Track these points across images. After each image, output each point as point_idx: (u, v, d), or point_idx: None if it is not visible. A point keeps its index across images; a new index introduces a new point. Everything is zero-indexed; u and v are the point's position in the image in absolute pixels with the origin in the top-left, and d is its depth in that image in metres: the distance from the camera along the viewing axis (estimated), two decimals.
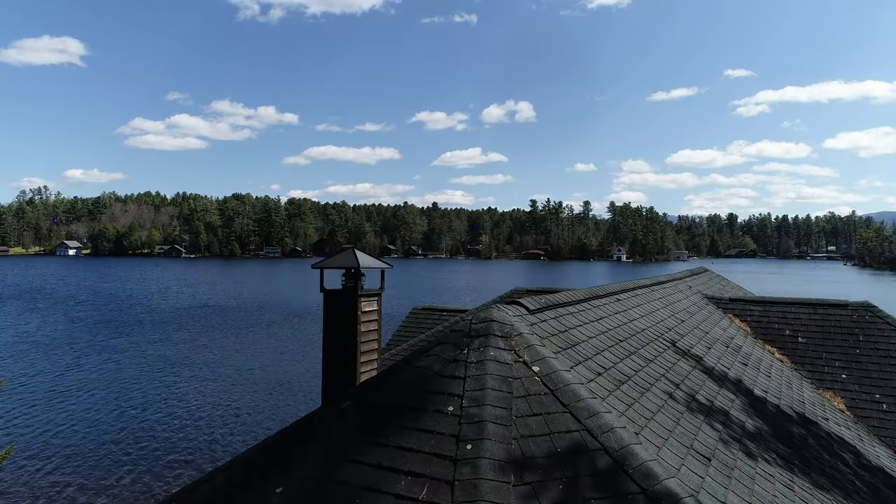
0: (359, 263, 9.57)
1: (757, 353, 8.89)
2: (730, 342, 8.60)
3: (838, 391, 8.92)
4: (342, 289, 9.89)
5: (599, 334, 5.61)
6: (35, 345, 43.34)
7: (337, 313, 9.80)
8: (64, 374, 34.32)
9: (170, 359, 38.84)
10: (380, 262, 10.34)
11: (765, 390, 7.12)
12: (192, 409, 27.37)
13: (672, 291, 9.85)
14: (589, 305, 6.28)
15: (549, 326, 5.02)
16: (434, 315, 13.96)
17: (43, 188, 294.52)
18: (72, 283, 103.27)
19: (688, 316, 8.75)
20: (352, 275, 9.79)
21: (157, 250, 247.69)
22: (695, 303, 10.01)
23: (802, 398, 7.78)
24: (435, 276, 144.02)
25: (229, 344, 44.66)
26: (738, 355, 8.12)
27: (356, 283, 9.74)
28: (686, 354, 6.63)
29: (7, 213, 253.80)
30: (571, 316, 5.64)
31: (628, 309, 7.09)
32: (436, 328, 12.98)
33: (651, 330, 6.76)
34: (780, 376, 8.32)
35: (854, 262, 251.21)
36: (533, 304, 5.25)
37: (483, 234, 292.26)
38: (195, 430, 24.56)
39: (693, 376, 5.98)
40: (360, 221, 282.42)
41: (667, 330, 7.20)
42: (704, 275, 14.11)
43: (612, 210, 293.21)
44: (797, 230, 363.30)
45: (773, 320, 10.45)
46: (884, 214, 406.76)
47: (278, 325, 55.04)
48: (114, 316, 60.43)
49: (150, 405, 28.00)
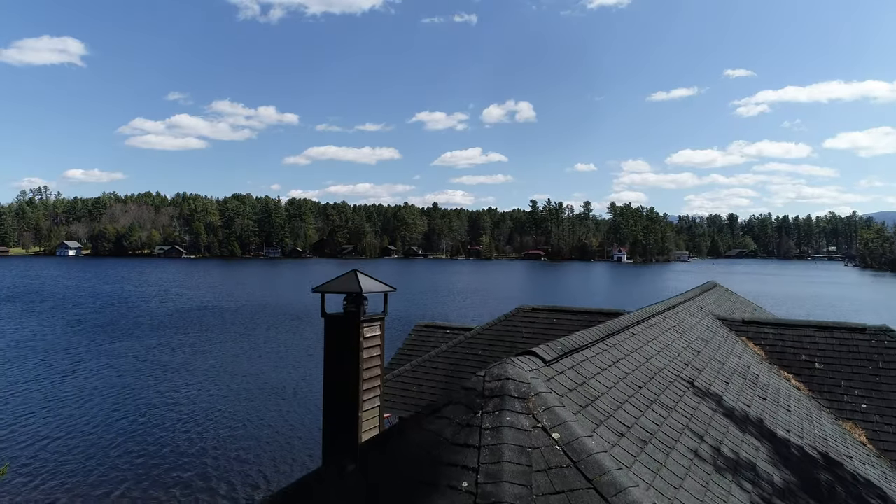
0: (361, 288, 9.26)
1: (774, 383, 8.58)
2: (746, 372, 8.29)
3: (859, 422, 8.61)
4: (344, 314, 9.60)
5: (619, 381, 5.29)
6: (32, 350, 43.03)
7: (338, 340, 9.48)
8: (60, 381, 33.98)
9: (167, 365, 38.52)
10: (383, 284, 10.01)
11: (787, 429, 6.80)
12: (189, 420, 27.05)
13: (685, 316, 9.53)
14: (605, 345, 5.96)
15: (566, 379, 4.70)
16: (437, 333, 13.64)
17: (43, 188, 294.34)
18: (71, 285, 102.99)
19: (703, 345, 8.43)
20: (354, 299, 9.50)
21: (158, 251, 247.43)
22: (708, 327, 9.69)
23: (824, 434, 7.47)
24: (435, 277, 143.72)
25: (228, 349, 44.34)
26: (757, 388, 7.81)
27: (358, 308, 9.44)
28: (706, 394, 6.31)
29: (7, 213, 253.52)
30: (588, 362, 5.32)
31: (644, 345, 6.77)
32: (440, 348, 12.67)
33: (669, 368, 6.45)
34: (800, 409, 8.00)
35: (855, 262, 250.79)
36: (548, 352, 4.92)
37: (483, 234, 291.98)
38: (192, 441, 24.23)
39: (716, 423, 5.66)
40: (361, 222, 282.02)
41: (684, 366, 6.89)
42: (714, 291, 13.79)
43: (613, 210, 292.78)
44: (798, 230, 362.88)
45: (788, 344, 10.13)
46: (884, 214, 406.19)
47: (277, 328, 54.74)
48: (112, 319, 60.12)
49: (147, 415, 27.67)
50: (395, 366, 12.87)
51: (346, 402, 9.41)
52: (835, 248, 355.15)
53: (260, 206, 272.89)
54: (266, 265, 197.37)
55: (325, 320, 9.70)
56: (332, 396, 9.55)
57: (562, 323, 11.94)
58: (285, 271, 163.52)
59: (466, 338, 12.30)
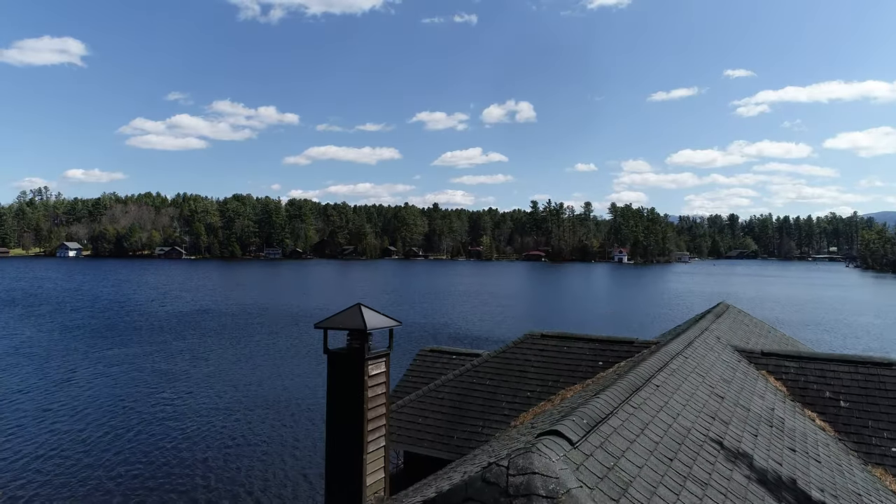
0: (366, 325, 8.80)
1: (800, 427, 8.16)
2: (772, 417, 7.87)
3: (889, 468, 8.18)
4: (347, 350, 9.13)
5: (649, 456, 4.86)
6: (28, 357, 42.59)
7: (342, 378, 9.04)
8: (55, 391, 33.52)
9: (164, 373, 38.10)
10: (388, 319, 9.54)
11: (821, 488, 6.38)
12: (184, 435, 26.59)
13: (704, 352, 9.11)
14: (631, 407, 5.53)
15: (595, 463, 4.28)
16: (443, 358, 13.19)
17: (43, 189, 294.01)
18: (70, 288, 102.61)
19: (726, 387, 8.01)
20: (358, 335, 9.04)
21: (158, 252, 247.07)
22: (728, 364, 9.26)
23: (857, 488, 7.04)
24: (435, 279, 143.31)
25: (226, 356, 43.91)
26: (784, 435, 7.39)
27: (363, 345, 8.99)
28: (737, 456, 5.89)
29: (7, 214, 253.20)
30: (616, 434, 4.89)
31: (669, 398, 6.34)
32: (448, 374, 12.23)
33: (697, 427, 6.03)
34: (830, 458, 7.58)
35: (856, 263, 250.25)
36: (575, 430, 4.49)
37: (484, 235, 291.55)
38: (186, 458, 23.76)
39: (752, 494, 5.24)
40: (361, 222, 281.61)
41: (711, 419, 6.47)
42: (727, 315, 13.36)
43: (614, 211, 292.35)
44: (798, 231, 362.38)
45: (810, 379, 9.71)
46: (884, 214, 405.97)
47: (276, 334, 54.31)
48: (110, 323, 59.70)
49: (141, 429, 27.15)
50: (400, 394, 12.44)
51: (350, 446, 8.98)
52: (836, 248, 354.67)
53: (260, 206, 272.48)
54: (266, 266, 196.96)
55: (328, 357, 9.29)
56: (334, 440, 9.11)
57: (572, 352, 11.50)
58: (285, 273, 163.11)
59: (473, 366, 11.87)
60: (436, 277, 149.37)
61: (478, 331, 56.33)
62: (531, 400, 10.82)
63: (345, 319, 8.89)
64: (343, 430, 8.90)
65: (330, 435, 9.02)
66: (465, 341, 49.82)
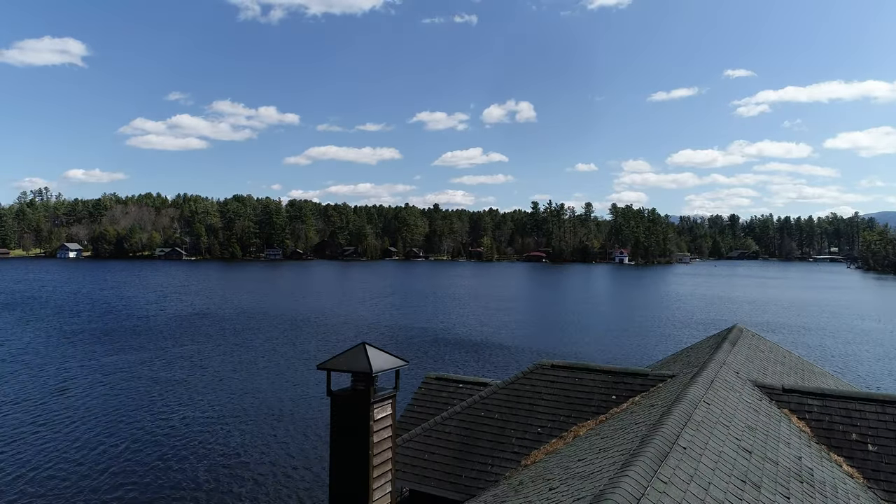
0: (372, 368, 8.36)
1: (829, 477, 7.73)
2: (801, 468, 7.45)
3: None
4: (352, 392, 8.68)
5: None
6: (25, 365, 42.17)
7: (346, 422, 8.59)
8: (51, 401, 33.06)
9: (162, 382, 37.68)
10: (395, 358, 9.05)
11: None
12: (181, 448, 26.15)
13: (725, 393, 8.69)
14: (661, 481, 5.11)
15: None
16: (450, 387, 12.75)
17: (44, 189, 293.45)
18: (69, 291, 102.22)
19: (751, 437, 7.59)
20: (363, 377, 8.60)
21: (158, 253, 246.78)
22: (751, 405, 8.84)
23: None
24: (435, 281, 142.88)
25: (225, 363, 43.48)
26: (815, 492, 6.97)
27: (368, 387, 8.56)
28: None
29: (8, 215, 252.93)
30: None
31: (699, 464, 5.92)
32: (455, 406, 11.82)
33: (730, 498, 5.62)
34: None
35: (857, 264, 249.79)
36: None
37: (484, 235, 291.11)
38: (184, 472, 23.33)
39: None
40: (362, 223, 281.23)
41: (742, 483, 6.05)
42: (742, 341, 12.94)
43: (614, 212, 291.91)
44: (799, 232, 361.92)
45: (835, 419, 9.27)
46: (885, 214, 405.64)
47: (276, 339, 53.91)
48: (109, 329, 59.27)
49: (138, 441, 26.69)
50: (404, 424, 12.02)
51: (355, 493, 8.52)
52: (836, 249, 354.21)
53: (261, 207, 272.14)
54: (267, 267, 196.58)
55: (332, 400, 8.84)
56: (338, 485, 8.64)
57: (584, 384, 11.08)
58: (286, 274, 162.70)
59: (482, 398, 11.44)
60: (435, 279, 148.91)
61: (479, 336, 55.88)
62: (542, 436, 10.40)
63: (349, 361, 8.44)
64: (347, 476, 8.44)
65: (333, 480, 8.56)
66: (466, 346, 49.40)
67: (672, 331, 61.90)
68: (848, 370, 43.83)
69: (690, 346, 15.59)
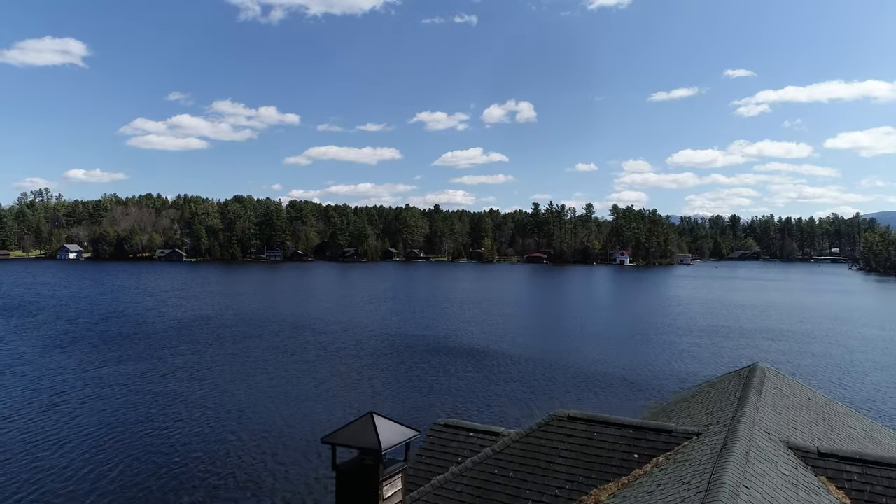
0: (381, 444, 7.73)
1: None
2: None
3: None
4: (359, 466, 8.05)
5: None
6: (19, 377, 41.44)
7: (353, 500, 7.98)
8: (43, 417, 32.23)
9: (158, 395, 36.98)
10: (405, 428, 8.39)
11: None
12: (173, 469, 25.40)
13: (762, 466, 8.05)
14: None
15: None
16: (460, 436, 12.09)
17: (44, 190, 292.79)
18: (68, 294, 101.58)
19: None
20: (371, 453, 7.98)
21: (158, 254, 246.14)
22: (789, 479, 8.20)
23: None
24: (435, 283, 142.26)
25: (224, 376, 42.71)
26: None
27: (377, 462, 7.93)
28: None
29: (8, 216, 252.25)
30: None
31: None
32: (466, 461, 11.18)
33: None
34: None
35: (859, 265, 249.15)
36: None
37: (485, 236, 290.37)
38: (174, 498, 22.71)
39: None
40: (362, 224, 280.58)
41: None
42: (766, 387, 12.28)
43: (615, 212, 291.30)
44: (800, 232, 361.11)
45: (877, 490, 8.60)
46: (886, 214, 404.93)
47: (275, 349, 53.23)
48: (106, 337, 58.52)
49: (130, 463, 25.81)
50: (412, 477, 11.38)
51: None
52: (837, 249, 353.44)
53: (261, 208, 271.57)
54: (267, 269, 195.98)
55: (337, 474, 8.21)
56: None
57: (603, 440, 10.42)
58: (286, 276, 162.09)
59: (494, 451, 10.79)
60: (436, 281, 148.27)
61: (481, 344, 55.24)
62: (559, 500, 9.77)
63: (356, 435, 7.77)
64: None
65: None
66: (468, 356, 48.74)
67: (674, 338, 61.28)
68: (854, 381, 43.29)
69: (710, 383, 14.96)
